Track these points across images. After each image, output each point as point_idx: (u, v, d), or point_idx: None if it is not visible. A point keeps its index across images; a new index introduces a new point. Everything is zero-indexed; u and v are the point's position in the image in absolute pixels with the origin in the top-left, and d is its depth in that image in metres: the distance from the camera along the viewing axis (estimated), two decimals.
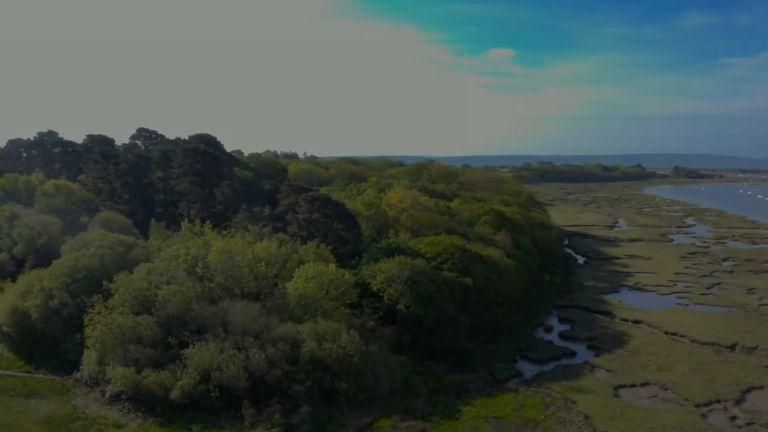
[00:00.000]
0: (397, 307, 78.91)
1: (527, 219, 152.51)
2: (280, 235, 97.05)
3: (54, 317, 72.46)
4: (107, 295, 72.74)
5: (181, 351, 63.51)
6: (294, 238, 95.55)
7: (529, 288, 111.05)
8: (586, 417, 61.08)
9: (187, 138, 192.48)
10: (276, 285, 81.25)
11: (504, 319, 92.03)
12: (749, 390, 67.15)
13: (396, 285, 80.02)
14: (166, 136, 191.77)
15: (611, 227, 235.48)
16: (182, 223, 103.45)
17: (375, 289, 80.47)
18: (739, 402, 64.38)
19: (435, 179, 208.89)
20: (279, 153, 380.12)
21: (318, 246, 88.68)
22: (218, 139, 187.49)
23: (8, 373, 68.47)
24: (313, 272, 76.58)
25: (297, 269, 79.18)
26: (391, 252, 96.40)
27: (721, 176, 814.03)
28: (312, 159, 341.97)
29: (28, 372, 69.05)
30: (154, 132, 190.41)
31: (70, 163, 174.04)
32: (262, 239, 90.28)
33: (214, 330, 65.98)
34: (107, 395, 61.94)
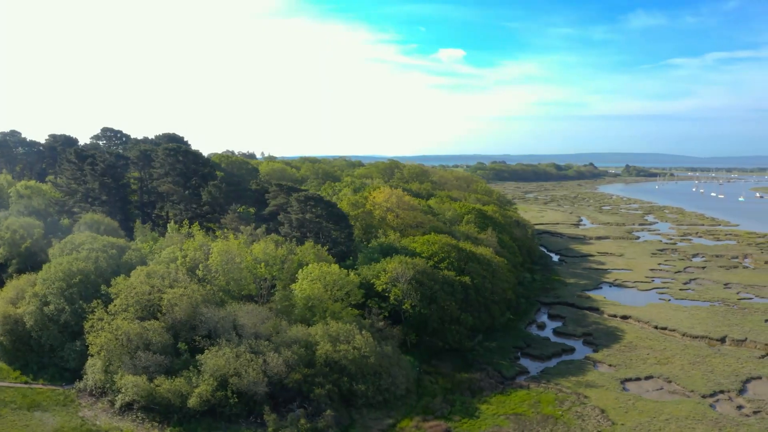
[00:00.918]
0: (403, 307, 78.78)
1: (505, 217, 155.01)
2: (273, 235, 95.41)
3: (50, 324, 68.97)
4: (106, 300, 69.92)
5: (196, 357, 61.52)
6: (288, 238, 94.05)
7: (515, 286, 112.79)
8: (602, 411, 62.46)
9: (153, 137, 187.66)
10: (273, 286, 79.98)
11: (499, 317, 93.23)
12: (748, 380, 70.14)
13: (400, 285, 79.84)
14: (132, 136, 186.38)
15: (576, 225, 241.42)
16: (168, 225, 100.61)
17: (380, 289, 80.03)
18: (741, 392, 67.19)
19: (407, 178, 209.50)
20: (237, 153, 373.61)
21: (314, 247, 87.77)
22: (185, 139, 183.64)
23: (5, 384, 64.77)
24: (317, 273, 75.59)
25: (300, 271, 78.06)
26: (386, 252, 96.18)
27: (672, 174, 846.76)
28: (271, 159, 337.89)
29: (26, 383, 65.49)
30: (119, 131, 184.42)
31: (33, 164, 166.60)
32: (255, 240, 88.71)
33: (226, 334, 64.20)
34: (117, 405, 59.38)
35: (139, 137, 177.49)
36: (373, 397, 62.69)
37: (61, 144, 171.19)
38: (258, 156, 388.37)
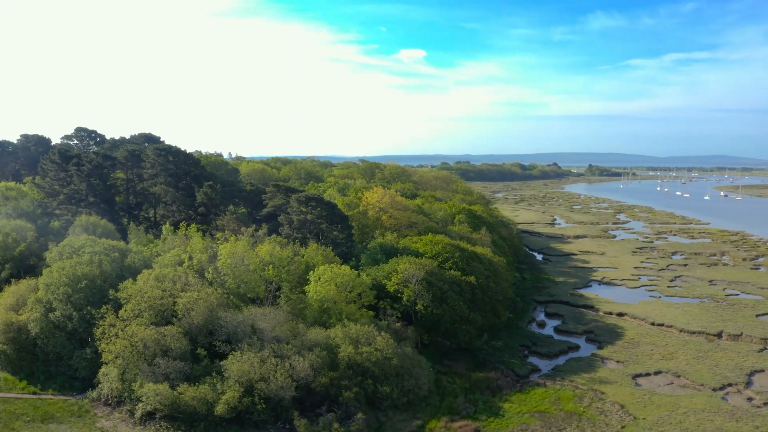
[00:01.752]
0: (416, 308, 78.79)
1: (492, 217, 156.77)
2: (275, 237, 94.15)
3: (57, 332, 66.31)
4: (115, 305, 67.72)
5: (221, 363, 60.13)
6: (290, 240, 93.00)
7: (512, 285, 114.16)
8: (622, 406, 63.73)
9: (129, 137, 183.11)
10: (279, 288, 78.97)
11: (503, 316, 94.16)
12: (752, 373, 72.70)
13: (411, 285, 79.80)
14: (106, 136, 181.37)
15: (552, 224, 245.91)
16: (163, 227, 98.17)
17: (392, 290, 79.83)
18: (748, 384, 69.61)
19: (389, 179, 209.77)
20: (204, 153, 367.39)
21: (321, 248, 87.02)
22: (162, 139, 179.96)
23: (12, 395, 61.93)
24: (329, 275, 74.92)
25: (311, 273, 77.28)
26: (388, 252, 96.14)
27: (634, 174, 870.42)
28: (239, 159, 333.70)
29: (35, 393, 62.74)
30: (94, 131, 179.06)
31: (5, 164, 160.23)
32: (257, 242, 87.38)
33: (248, 338, 62.97)
34: (137, 414, 57.41)
35: (113, 137, 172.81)
36: (397, 399, 62.49)
37: (34, 144, 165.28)
38: (226, 156, 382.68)
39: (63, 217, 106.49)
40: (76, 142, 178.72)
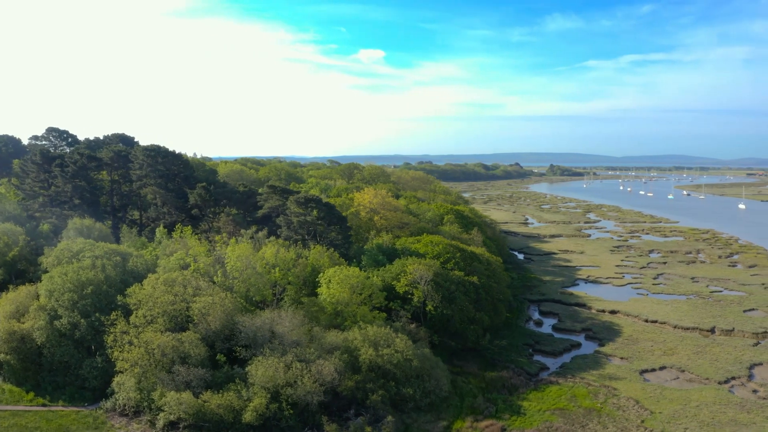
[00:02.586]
0: (427, 309, 78.93)
1: (477, 217, 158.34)
2: (274, 238, 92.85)
3: (64, 340, 63.83)
4: (124, 311, 65.58)
5: (245, 368, 58.89)
6: (292, 241, 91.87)
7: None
8: (636, 401, 65.29)
9: (102, 138, 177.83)
10: (284, 291, 78.02)
11: (504, 315, 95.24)
12: (752, 366, 75.56)
13: (421, 286, 79.89)
14: (78, 136, 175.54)
15: (525, 224, 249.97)
16: (157, 230, 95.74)
17: (401, 291, 79.74)
18: (750, 377, 72.28)
19: (368, 179, 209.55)
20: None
21: (327, 250, 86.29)
22: (136, 139, 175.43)
23: (21, 408, 59.24)
24: (340, 277, 74.35)
25: (321, 275, 76.56)
26: (388, 253, 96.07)
27: (595, 174, 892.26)
28: (206, 160, 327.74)
29: (44, 405, 60.16)
30: (66, 131, 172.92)
31: None
32: (257, 244, 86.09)
33: (269, 343, 61.88)
34: (159, 425, 55.70)
35: (87, 138, 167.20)
36: (420, 400, 62.43)
37: (5, 144, 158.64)
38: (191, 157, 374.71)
39: (48, 219, 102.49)
40: (44, 143, 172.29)
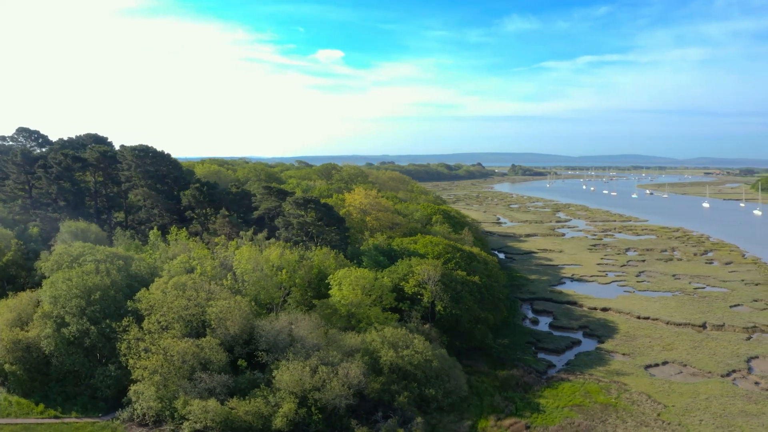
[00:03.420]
0: (436, 309, 79.11)
1: (461, 217, 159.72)
2: (273, 240, 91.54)
3: (72, 348, 61.29)
4: (136, 317, 63.46)
5: (271, 374, 57.78)
6: (295, 243, 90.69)
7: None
8: (648, 396, 67.01)
9: (74, 138, 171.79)
10: (289, 293, 77.12)
11: (504, 314, 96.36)
12: (750, 359, 78.57)
13: (429, 286, 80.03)
14: (49, 137, 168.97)
15: (498, 223, 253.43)
16: (150, 233, 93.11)
17: (410, 292, 79.70)
18: (750, 370, 75.10)
19: (347, 180, 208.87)
20: None
21: (330, 252, 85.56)
22: (109, 140, 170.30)
23: (32, 421, 56.56)
24: (351, 278, 73.83)
25: (331, 277, 75.86)
26: (388, 254, 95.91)
27: (556, 173, 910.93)
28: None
29: (56, 417, 57.56)
30: (36, 132, 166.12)
31: None
32: (258, 246, 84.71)
33: (292, 347, 60.89)
34: None
35: (61, 138, 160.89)
36: (443, 401, 62.52)
37: None
38: None
39: (31, 222, 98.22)
40: (12, 143, 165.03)
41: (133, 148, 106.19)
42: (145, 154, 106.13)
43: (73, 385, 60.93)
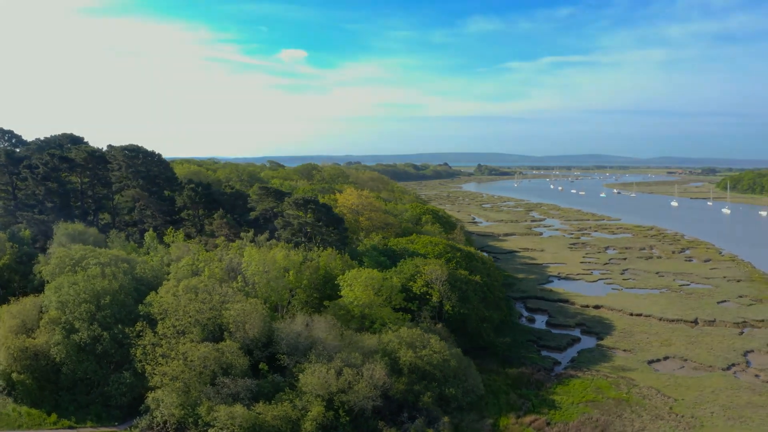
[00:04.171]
0: (445, 308, 79.42)
1: (447, 216, 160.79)
2: (274, 241, 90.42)
3: (84, 355, 59.25)
4: (148, 322, 61.75)
5: (294, 377, 57.01)
6: (294, 244, 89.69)
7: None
8: (658, 390, 68.75)
9: (48, 137, 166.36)
10: (294, 295, 76.45)
11: (504, 313, 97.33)
12: (746, 353, 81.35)
13: (437, 286, 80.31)
14: (23, 137, 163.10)
15: (474, 223, 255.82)
16: (146, 234, 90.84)
17: (418, 291, 79.80)
18: (748, 364, 77.77)
19: (328, 180, 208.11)
20: None
21: (337, 252, 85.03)
22: (85, 140, 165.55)
23: None
24: (363, 279, 73.51)
25: (341, 278, 75.36)
26: (388, 255, 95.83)
27: (522, 173, 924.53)
28: None
29: (71, 428, 55.48)
30: (10, 131, 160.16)
31: None
32: (260, 247, 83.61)
33: (315, 349, 60.17)
34: None
35: (38, 138, 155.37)
36: (462, 400, 62.74)
37: None
38: None
39: (16, 224, 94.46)
40: None
41: (123, 148, 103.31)
42: (135, 155, 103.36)
43: (85, 394, 58.83)
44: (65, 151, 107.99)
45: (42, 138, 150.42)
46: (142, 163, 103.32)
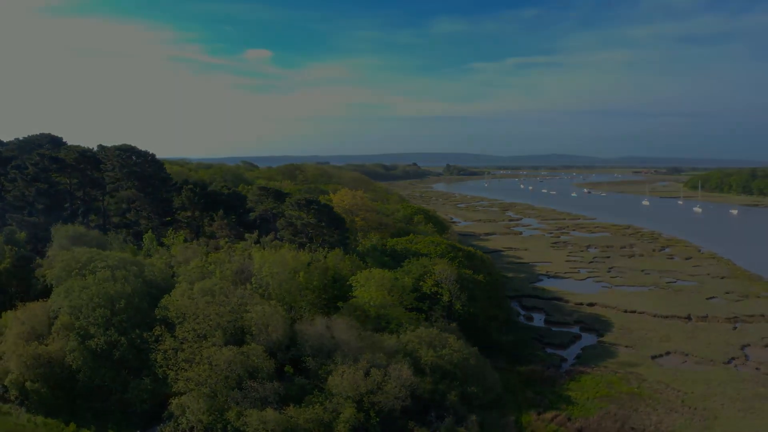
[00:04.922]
0: (455, 308, 79.84)
1: (436, 216, 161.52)
2: (277, 242, 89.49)
3: (101, 361, 57.51)
4: (166, 326, 60.36)
5: (321, 380, 56.48)
6: (297, 245, 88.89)
7: None
8: (667, 384, 70.56)
9: (27, 137, 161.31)
10: (303, 296, 75.78)
11: (506, 311, 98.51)
12: (743, 347, 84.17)
13: (446, 285, 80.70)
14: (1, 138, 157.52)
15: (453, 222, 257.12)
16: (145, 236, 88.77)
17: (428, 291, 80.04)
18: (747, 357, 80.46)
19: (311, 180, 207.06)
20: None
21: (342, 253, 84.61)
22: (64, 140, 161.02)
23: None
24: (376, 279, 73.41)
25: (352, 278, 75.09)
26: (391, 255, 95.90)
27: (491, 173, 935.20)
28: None
29: None
30: None
31: None
32: (265, 248, 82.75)
33: (340, 350, 59.76)
34: None
35: (17, 137, 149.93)
36: (484, 397, 63.23)
37: None
38: None
39: (6, 227, 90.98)
40: None
41: (118, 148, 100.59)
42: (129, 155, 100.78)
43: (102, 401, 57.15)
44: (45, 150, 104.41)
45: (21, 138, 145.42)
46: (135, 163, 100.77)
